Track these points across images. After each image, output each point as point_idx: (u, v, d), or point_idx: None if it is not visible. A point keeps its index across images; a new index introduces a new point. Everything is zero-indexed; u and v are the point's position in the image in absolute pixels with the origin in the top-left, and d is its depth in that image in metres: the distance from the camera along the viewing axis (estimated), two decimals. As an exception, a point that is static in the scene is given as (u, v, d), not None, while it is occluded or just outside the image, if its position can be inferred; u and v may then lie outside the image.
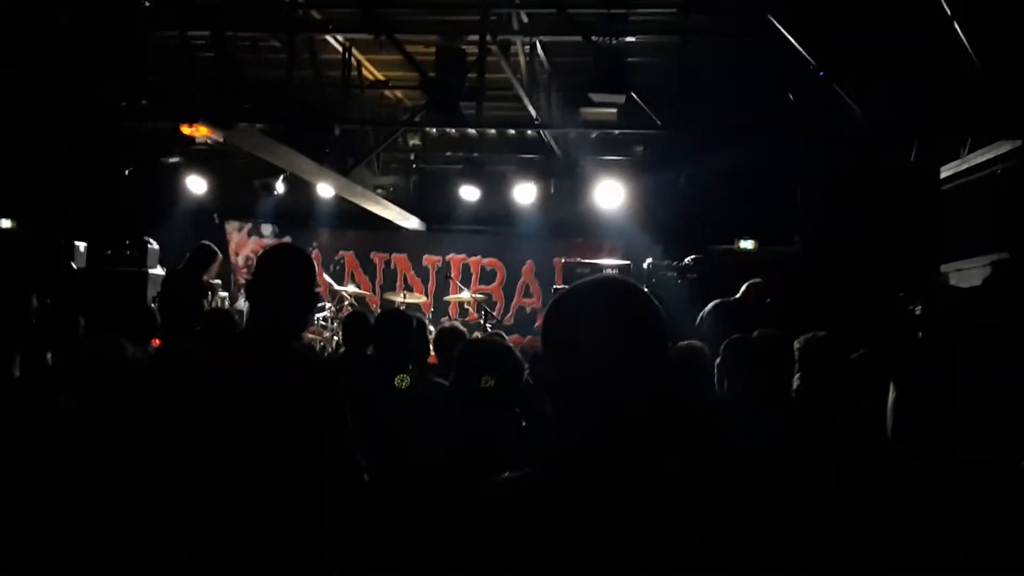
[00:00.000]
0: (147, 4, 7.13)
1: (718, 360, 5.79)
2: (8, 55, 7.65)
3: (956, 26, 6.84)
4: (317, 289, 2.88)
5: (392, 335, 3.86)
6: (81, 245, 10.62)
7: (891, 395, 2.45)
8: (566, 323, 1.81)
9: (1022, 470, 2.58)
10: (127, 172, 11.03)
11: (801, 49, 7.45)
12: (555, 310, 1.87)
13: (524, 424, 3.27)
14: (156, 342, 8.06)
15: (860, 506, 3.21)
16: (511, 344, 4.31)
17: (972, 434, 2.59)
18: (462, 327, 5.65)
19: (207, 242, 9.55)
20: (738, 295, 8.36)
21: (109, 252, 10.65)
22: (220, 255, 9.30)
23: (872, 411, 3.73)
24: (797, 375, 4.95)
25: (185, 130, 7.17)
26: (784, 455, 3.90)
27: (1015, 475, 2.61)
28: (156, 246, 10.89)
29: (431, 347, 5.17)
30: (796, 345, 5.11)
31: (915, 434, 2.45)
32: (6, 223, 11.39)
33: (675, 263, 10.59)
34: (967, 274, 7.71)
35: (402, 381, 2.62)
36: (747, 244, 11.02)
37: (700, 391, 5.27)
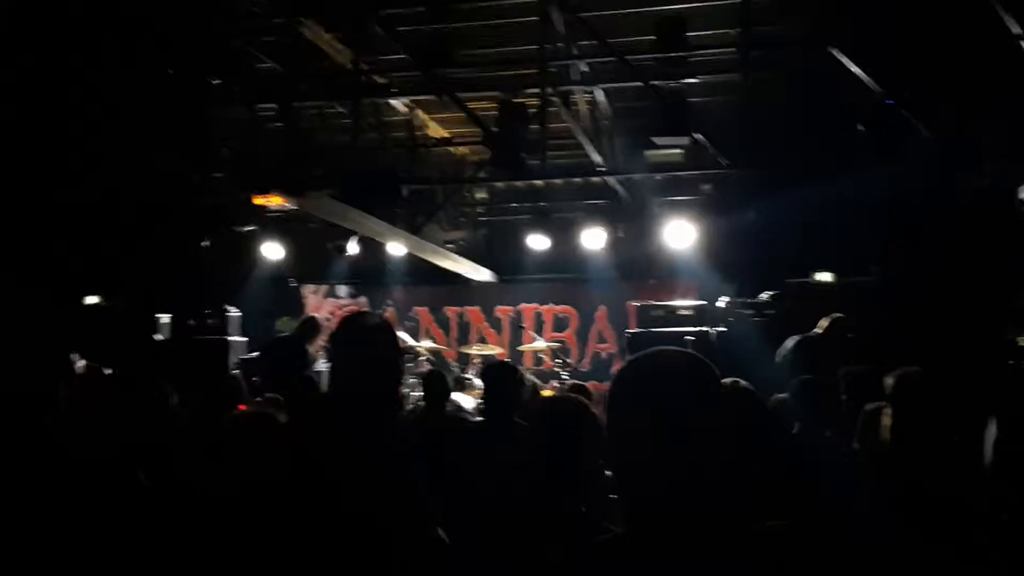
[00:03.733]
0: (216, 81, 7.37)
1: (790, 400, 5.66)
2: (87, 135, 7.95)
3: (1022, 44, 6.69)
4: (401, 361, 2.93)
5: (498, 385, 3.85)
6: (164, 317, 10.91)
7: (992, 431, 2.36)
8: (633, 407, 1.83)
9: None
10: (204, 243, 11.33)
11: (865, 76, 7.35)
12: (620, 392, 1.88)
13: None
14: (242, 408, 8.22)
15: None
16: (590, 395, 4.28)
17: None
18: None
19: (315, 315, 9.89)
20: (819, 330, 8.19)
21: (192, 322, 10.94)
22: (324, 328, 9.59)
23: (966, 446, 3.58)
24: (888, 414, 4.79)
25: (258, 200, 7.34)
26: (874, 504, 3.76)
27: None
28: (237, 313, 11.16)
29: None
30: (888, 381, 4.94)
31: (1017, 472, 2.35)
32: (94, 299, 11.76)
33: (751, 300, 10.43)
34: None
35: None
36: (824, 276, 10.81)
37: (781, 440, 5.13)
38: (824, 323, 8.18)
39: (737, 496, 1.84)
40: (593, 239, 11.37)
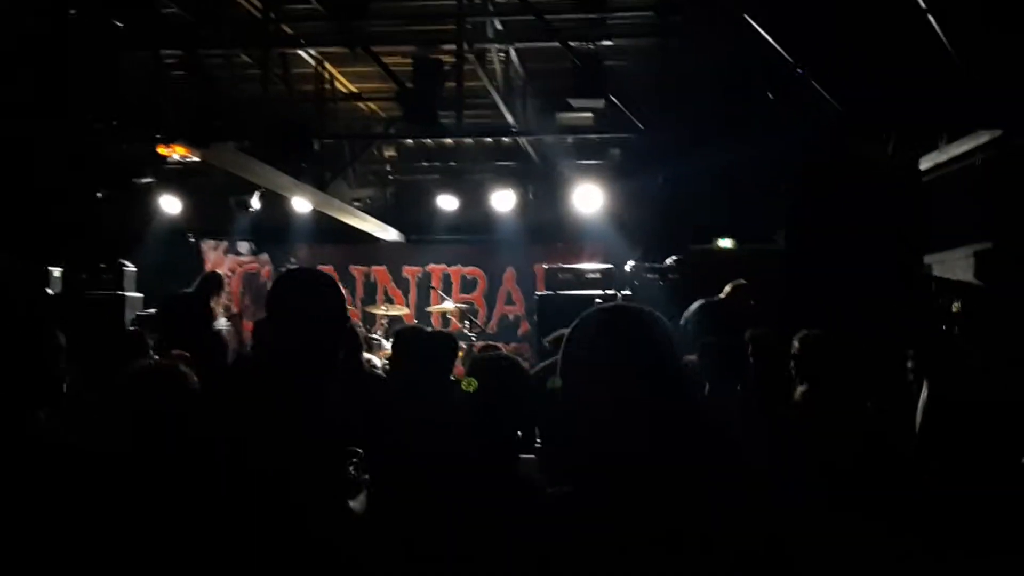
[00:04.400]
0: (119, 24, 7.00)
1: (698, 362, 5.76)
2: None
3: (931, 19, 6.88)
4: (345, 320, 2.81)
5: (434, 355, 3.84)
6: (55, 271, 10.45)
7: (923, 393, 2.41)
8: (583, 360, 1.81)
9: None
10: (100, 195, 10.87)
11: (778, 47, 7.46)
12: (573, 344, 1.86)
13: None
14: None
15: (870, 517, 3.15)
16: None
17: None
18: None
19: (216, 270, 9.60)
20: (723, 295, 8.35)
21: (84, 277, 10.51)
22: (225, 285, 9.33)
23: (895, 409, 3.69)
24: (797, 375, 4.91)
25: (162, 150, 7.05)
26: (792, 467, 3.85)
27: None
28: (132, 269, 10.78)
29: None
30: (794, 343, 5.07)
31: (947, 435, 2.41)
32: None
33: (656, 265, 10.58)
34: (950, 265, 7.76)
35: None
36: (725, 243, 11.03)
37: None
38: (727, 288, 8.36)
39: (682, 451, 1.85)
40: (502, 201, 11.36)
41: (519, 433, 3.08)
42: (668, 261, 10.50)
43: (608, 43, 8.09)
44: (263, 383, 2.69)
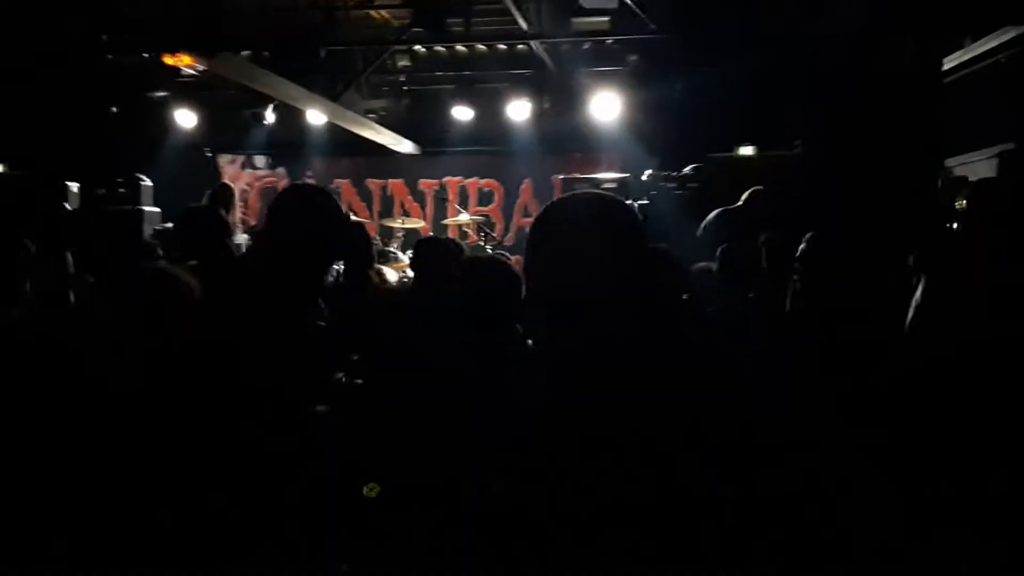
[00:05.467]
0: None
1: (715, 265, 5.75)
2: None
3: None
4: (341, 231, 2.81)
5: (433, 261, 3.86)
6: (73, 186, 10.48)
7: (919, 290, 2.35)
8: (551, 238, 1.82)
9: None
10: (114, 109, 10.84)
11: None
12: (541, 226, 1.87)
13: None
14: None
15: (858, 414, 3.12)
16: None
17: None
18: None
19: (230, 183, 9.60)
20: (740, 203, 8.25)
21: (102, 191, 10.53)
22: (237, 196, 9.34)
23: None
24: (801, 276, 4.88)
25: (168, 60, 6.99)
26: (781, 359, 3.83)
27: None
28: (149, 183, 10.78)
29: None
30: (801, 245, 5.03)
31: (943, 329, 2.36)
32: (-1, 167, 11.21)
33: (675, 173, 10.43)
34: (973, 167, 7.59)
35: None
36: (746, 150, 10.84)
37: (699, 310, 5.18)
38: (745, 195, 8.26)
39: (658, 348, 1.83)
40: (518, 111, 11.22)
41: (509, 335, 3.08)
42: (687, 170, 10.35)
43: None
44: (250, 289, 2.71)
